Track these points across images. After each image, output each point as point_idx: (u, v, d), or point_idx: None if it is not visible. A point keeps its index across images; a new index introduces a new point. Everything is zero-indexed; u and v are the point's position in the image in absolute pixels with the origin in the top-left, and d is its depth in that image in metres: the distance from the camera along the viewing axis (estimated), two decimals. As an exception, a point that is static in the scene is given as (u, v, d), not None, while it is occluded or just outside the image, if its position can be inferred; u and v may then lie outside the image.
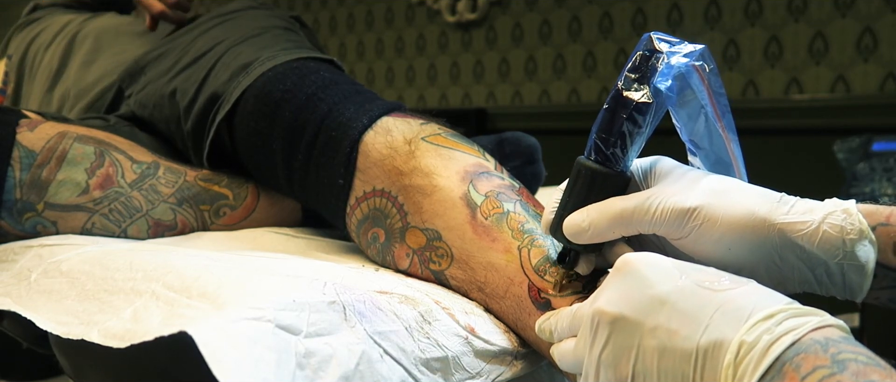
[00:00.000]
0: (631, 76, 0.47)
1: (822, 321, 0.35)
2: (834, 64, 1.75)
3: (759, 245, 0.44)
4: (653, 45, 0.47)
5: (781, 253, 0.44)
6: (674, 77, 0.46)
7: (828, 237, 0.42)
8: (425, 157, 0.62)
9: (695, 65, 0.47)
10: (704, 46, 0.48)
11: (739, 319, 0.35)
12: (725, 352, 0.35)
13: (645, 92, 0.46)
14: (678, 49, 0.47)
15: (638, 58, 0.47)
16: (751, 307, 0.36)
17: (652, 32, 0.48)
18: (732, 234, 0.44)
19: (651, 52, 0.47)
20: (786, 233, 0.43)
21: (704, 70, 0.47)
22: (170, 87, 0.81)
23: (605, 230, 0.47)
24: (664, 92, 0.46)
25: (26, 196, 0.67)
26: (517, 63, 2.33)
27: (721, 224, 0.44)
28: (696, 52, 0.47)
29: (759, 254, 0.44)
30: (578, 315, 0.45)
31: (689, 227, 0.45)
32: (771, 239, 0.44)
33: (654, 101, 0.46)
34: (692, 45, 0.47)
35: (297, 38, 0.86)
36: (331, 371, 0.43)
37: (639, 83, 0.46)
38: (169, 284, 0.49)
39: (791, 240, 0.43)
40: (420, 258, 0.60)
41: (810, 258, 0.44)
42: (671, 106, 0.48)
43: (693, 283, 0.38)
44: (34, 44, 1.09)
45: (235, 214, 0.77)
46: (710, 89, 0.48)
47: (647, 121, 0.47)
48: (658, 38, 0.47)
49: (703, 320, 0.36)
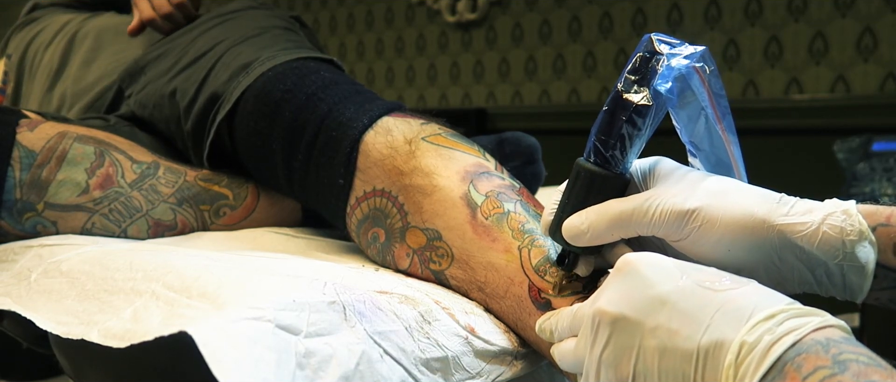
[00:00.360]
0: (631, 78, 0.47)
1: (824, 321, 0.35)
2: (834, 64, 1.75)
3: (759, 246, 0.44)
4: (653, 46, 0.47)
5: (781, 253, 0.44)
6: (674, 79, 0.46)
7: (827, 238, 0.42)
8: (426, 157, 0.62)
9: (695, 66, 0.47)
10: (705, 48, 0.48)
11: (740, 319, 0.35)
12: (726, 352, 0.35)
13: (644, 94, 0.46)
14: (679, 51, 0.47)
15: (638, 59, 0.47)
16: (752, 307, 0.36)
17: (652, 33, 0.47)
18: (731, 235, 0.44)
19: (651, 54, 0.47)
20: (785, 234, 0.43)
21: (705, 72, 0.47)
22: (170, 87, 0.81)
23: (604, 232, 0.47)
24: (664, 94, 0.46)
25: (26, 196, 0.67)
26: (517, 63, 2.33)
27: (720, 225, 0.44)
28: (697, 54, 0.47)
29: (758, 255, 0.44)
30: (579, 315, 0.45)
31: (689, 229, 0.45)
32: (770, 241, 0.44)
33: (654, 104, 0.46)
34: (693, 47, 0.47)
35: (297, 38, 0.86)
36: (331, 371, 0.43)
37: (638, 85, 0.46)
38: (169, 284, 0.49)
39: (790, 241, 0.43)
40: (420, 258, 0.60)
41: (810, 259, 0.44)
42: (671, 107, 0.48)
43: (694, 283, 0.38)
44: (34, 43, 1.09)
45: (235, 214, 0.77)
46: (711, 91, 0.48)
47: (647, 124, 0.47)
48: (658, 40, 0.47)
49: (704, 320, 0.36)
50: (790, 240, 0.43)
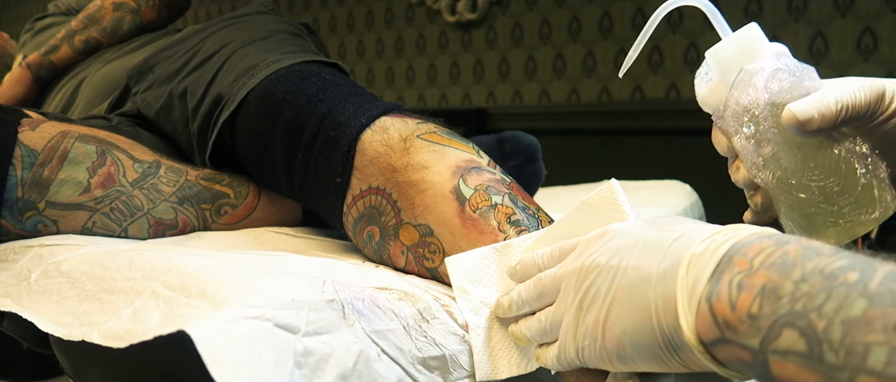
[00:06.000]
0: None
1: (761, 230, 0.38)
2: (834, 64, 1.75)
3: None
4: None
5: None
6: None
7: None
8: (419, 154, 0.62)
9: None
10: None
11: (690, 243, 0.39)
12: (679, 267, 0.38)
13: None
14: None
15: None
16: (699, 234, 0.39)
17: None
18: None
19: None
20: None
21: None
22: (181, 87, 0.82)
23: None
24: None
25: (28, 195, 0.68)
26: (517, 63, 2.34)
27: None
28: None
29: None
30: (546, 280, 0.47)
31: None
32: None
33: None
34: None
35: (302, 43, 0.86)
36: (329, 370, 0.43)
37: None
38: (168, 283, 0.49)
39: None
40: (414, 255, 0.60)
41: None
42: None
43: (657, 230, 0.42)
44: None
45: (237, 213, 0.77)
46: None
47: None
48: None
49: (662, 252, 0.40)
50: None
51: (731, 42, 0.51)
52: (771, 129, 0.48)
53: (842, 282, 0.31)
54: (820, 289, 0.32)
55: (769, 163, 0.49)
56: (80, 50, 1.11)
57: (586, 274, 0.43)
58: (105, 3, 1.12)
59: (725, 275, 0.36)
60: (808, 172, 0.48)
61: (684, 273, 0.37)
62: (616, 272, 0.41)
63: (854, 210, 0.48)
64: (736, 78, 0.49)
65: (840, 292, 0.31)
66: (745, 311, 0.34)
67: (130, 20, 1.12)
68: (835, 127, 0.47)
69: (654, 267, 0.39)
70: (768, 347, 0.33)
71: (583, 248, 0.45)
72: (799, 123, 0.46)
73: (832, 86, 0.47)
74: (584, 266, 0.43)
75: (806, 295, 0.32)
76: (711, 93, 0.52)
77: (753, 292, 0.34)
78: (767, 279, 0.34)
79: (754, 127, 0.48)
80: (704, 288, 0.36)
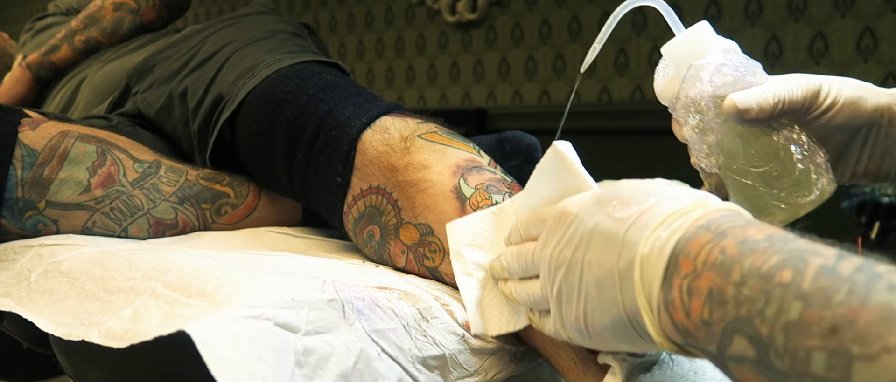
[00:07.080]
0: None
1: (706, 209, 0.38)
2: (834, 64, 1.75)
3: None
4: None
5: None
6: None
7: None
8: (420, 153, 0.62)
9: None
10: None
11: (641, 231, 0.38)
12: (635, 270, 0.38)
13: None
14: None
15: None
16: (647, 224, 0.39)
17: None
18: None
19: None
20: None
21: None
22: (181, 87, 0.82)
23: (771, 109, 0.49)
24: None
25: (28, 194, 0.68)
26: (517, 63, 2.34)
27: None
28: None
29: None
30: (525, 253, 0.46)
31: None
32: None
33: None
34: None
35: (303, 43, 0.87)
36: (329, 370, 0.43)
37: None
38: (168, 283, 0.49)
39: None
40: (415, 255, 0.61)
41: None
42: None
43: (608, 218, 0.41)
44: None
45: (237, 213, 0.77)
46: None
47: None
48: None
49: (617, 248, 0.39)
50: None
51: (683, 39, 0.54)
52: (715, 120, 0.51)
53: (777, 283, 0.31)
54: (759, 292, 0.32)
55: (713, 151, 0.52)
56: (80, 50, 1.11)
57: (557, 267, 0.43)
58: (105, 3, 1.12)
59: (675, 280, 0.36)
60: (750, 159, 0.51)
61: (639, 277, 0.38)
62: (581, 267, 0.41)
63: (793, 193, 0.51)
64: (686, 73, 0.53)
65: (777, 294, 0.31)
66: (698, 318, 0.35)
67: (130, 20, 1.12)
68: (772, 117, 0.49)
69: (613, 265, 0.39)
70: (725, 353, 0.33)
71: (550, 231, 0.44)
72: (738, 111, 0.49)
73: (773, 81, 0.51)
74: (553, 257, 0.43)
75: (748, 300, 0.32)
76: (667, 87, 0.55)
77: (702, 297, 0.34)
78: (712, 282, 0.34)
79: (700, 117, 0.52)
80: (659, 296, 0.37)
